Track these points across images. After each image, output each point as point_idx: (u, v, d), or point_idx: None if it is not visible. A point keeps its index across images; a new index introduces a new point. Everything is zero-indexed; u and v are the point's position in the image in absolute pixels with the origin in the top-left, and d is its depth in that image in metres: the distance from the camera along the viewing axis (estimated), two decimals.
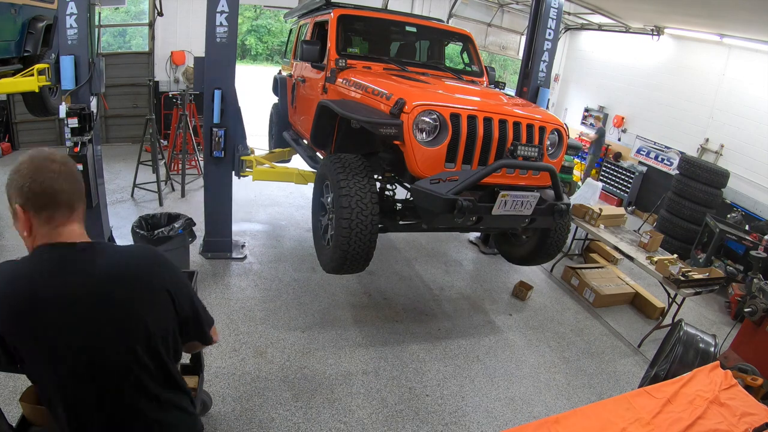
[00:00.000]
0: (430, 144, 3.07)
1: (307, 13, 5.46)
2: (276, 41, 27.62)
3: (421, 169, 3.09)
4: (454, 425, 3.12)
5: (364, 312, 4.26)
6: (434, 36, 5.15)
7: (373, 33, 4.95)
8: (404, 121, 2.99)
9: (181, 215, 4.30)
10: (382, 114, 3.13)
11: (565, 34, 10.64)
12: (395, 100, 3.07)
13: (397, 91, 3.20)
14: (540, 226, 3.63)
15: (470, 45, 4.95)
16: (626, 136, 9.19)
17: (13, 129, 7.72)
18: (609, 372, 3.93)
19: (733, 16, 6.16)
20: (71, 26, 3.83)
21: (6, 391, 2.85)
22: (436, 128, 3.06)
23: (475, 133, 3.10)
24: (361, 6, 5.12)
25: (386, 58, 4.41)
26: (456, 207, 2.88)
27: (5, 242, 4.71)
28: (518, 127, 3.22)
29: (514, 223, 3.46)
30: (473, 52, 4.92)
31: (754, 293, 3.72)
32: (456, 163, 3.15)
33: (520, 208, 3.16)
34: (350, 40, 4.75)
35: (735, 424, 2.05)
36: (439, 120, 3.05)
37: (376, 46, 4.91)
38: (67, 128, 3.94)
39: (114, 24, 9.54)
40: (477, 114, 3.12)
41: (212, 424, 2.86)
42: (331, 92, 4.09)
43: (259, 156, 5.13)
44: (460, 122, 3.07)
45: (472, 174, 2.99)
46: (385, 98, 3.20)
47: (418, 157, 3.06)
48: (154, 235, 4.00)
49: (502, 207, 3.10)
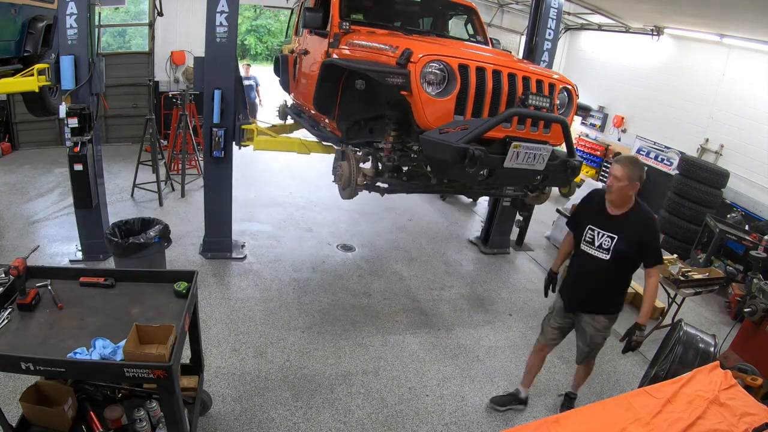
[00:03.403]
0: (439, 95, 2.96)
1: None
2: (276, 41, 27.60)
3: (430, 121, 2.98)
4: (454, 425, 3.12)
5: (364, 312, 4.26)
6: (439, 7, 5.03)
7: (376, 2, 4.82)
8: (411, 70, 2.90)
9: (155, 220, 4.12)
10: (388, 66, 3.04)
11: (565, 34, 10.63)
12: (402, 51, 3.00)
13: (404, 44, 3.12)
14: (553, 184, 3.50)
15: (474, 17, 4.82)
16: (626, 136, 9.18)
17: (13, 129, 7.72)
18: (609, 372, 3.93)
19: (733, 15, 6.16)
20: (71, 26, 3.83)
21: (6, 391, 2.85)
22: (444, 78, 2.97)
23: (485, 85, 3.00)
24: None
25: (390, 25, 4.27)
26: (467, 156, 2.72)
27: (5, 242, 4.71)
28: (528, 82, 3.12)
29: (526, 180, 3.34)
30: (478, 24, 4.79)
31: (754, 293, 3.71)
32: (465, 115, 3.04)
33: (532, 162, 3.01)
34: (354, 7, 4.59)
35: (735, 424, 2.05)
36: (446, 70, 2.96)
37: (380, 12, 4.74)
38: (67, 128, 3.95)
39: (114, 24, 9.53)
40: (486, 66, 3.04)
41: (212, 424, 2.86)
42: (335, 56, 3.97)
43: (260, 126, 4.97)
44: (469, 73, 2.99)
45: (483, 122, 2.86)
46: (391, 51, 3.12)
47: (426, 109, 2.94)
48: (127, 243, 3.79)
49: (515, 159, 2.94)
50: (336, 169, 3.69)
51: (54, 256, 4.54)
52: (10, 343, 1.94)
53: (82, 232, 4.48)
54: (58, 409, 2.22)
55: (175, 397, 1.95)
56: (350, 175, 3.47)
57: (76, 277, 2.38)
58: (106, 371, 1.92)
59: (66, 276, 2.39)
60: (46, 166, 7.05)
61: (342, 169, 3.55)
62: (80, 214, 4.39)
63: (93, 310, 2.20)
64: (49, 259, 4.47)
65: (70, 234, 4.86)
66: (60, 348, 1.93)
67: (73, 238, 4.71)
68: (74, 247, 4.65)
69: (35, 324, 2.07)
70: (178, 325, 2.06)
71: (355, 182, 3.44)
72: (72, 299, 2.24)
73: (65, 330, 2.05)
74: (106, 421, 2.28)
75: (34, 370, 1.82)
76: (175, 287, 2.33)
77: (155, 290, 2.37)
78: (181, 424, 2.06)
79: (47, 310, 2.15)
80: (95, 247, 4.49)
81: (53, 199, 5.89)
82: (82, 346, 1.92)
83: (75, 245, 4.65)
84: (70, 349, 1.90)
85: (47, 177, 6.63)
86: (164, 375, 1.85)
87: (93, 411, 2.35)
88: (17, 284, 2.11)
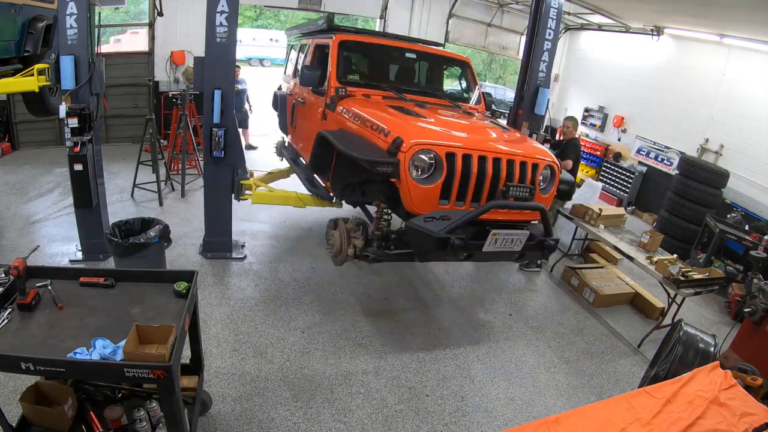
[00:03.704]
0: (425, 182, 3.16)
1: (309, 33, 5.57)
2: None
3: (416, 206, 3.19)
4: (454, 425, 3.12)
5: (364, 312, 4.26)
6: (433, 61, 5.27)
7: (373, 57, 5.06)
8: (401, 159, 3.08)
9: (155, 220, 4.10)
10: (379, 151, 3.22)
11: (565, 34, 10.63)
12: (393, 138, 3.16)
13: (395, 128, 3.29)
14: (529, 259, 3.79)
15: (468, 71, 5.11)
16: (626, 136, 9.18)
17: (13, 129, 7.72)
18: (609, 372, 3.93)
19: (733, 16, 6.16)
20: (71, 26, 3.83)
21: (6, 391, 2.85)
22: (432, 166, 3.16)
23: (470, 171, 3.21)
24: (361, 29, 5.16)
25: (385, 85, 4.52)
26: (448, 245, 2.99)
27: (5, 242, 4.71)
28: (512, 165, 3.31)
29: (504, 258, 3.63)
30: (471, 78, 5.06)
31: (754, 293, 3.71)
32: (450, 201, 3.24)
33: (510, 245, 3.29)
34: (350, 65, 4.88)
35: (735, 424, 2.05)
36: (435, 158, 3.14)
37: (376, 70, 5.02)
38: (67, 128, 3.95)
39: (114, 24, 9.53)
40: (472, 152, 3.21)
41: (212, 424, 2.86)
42: (331, 120, 4.20)
43: (258, 179, 5.21)
44: (455, 161, 3.16)
45: (465, 214, 3.10)
46: (383, 135, 3.30)
47: (413, 194, 3.15)
48: (127, 243, 3.78)
49: (493, 244, 3.21)
50: (328, 238, 3.90)
51: (54, 256, 4.55)
52: (10, 343, 1.94)
53: (82, 232, 4.48)
54: (58, 409, 2.22)
55: (175, 397, 1.95)
56: (341, 246, 3.70)
57: (76, 277, 2.38)
58: (106, 371, 1.92)
59: (66, 276, 2.39)
60: (46, 166, 7.05)
61: (334, 239, 3.78)
62: (80, 214, 4.39)
63: (93, 310, 2.20)
64: (49, 259, 4.47)
65: (70, 234, 4.86)
66: (60, 348, 1.93)
67: (73, 238, 4.72)
68: (74, 247, 4.66)
69: (35, 324, 2.07)
70: (178, 325, 2.06)
71: (345, 253, 3.67)
72: (72, 299, 2.24)
73: (65, 330, 2.05)
74: (106, 421, 2.28)
75: (34, 370, 1.82)
76: (175, 287, 2.33)
77: (155, 290, 2.37)
78: (181, 424, 2.06)
79: (47, 310, 2.15)
80: (95, 247, 4.49)
81: (53, 199, 5.89)
82: (82, 346, 1.92)
83: (75, 245, 4.65)
84: (70, 349, 1.90)
85: (47, 177, 6.63)
86: (164, 375, 1.85)
87: (93, 411, 2.35)
88: (17, 284, 2.11)
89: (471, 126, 3.92)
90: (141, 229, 4.04)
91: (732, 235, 5.62)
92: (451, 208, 3.25)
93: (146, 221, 4.12)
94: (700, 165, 6.74)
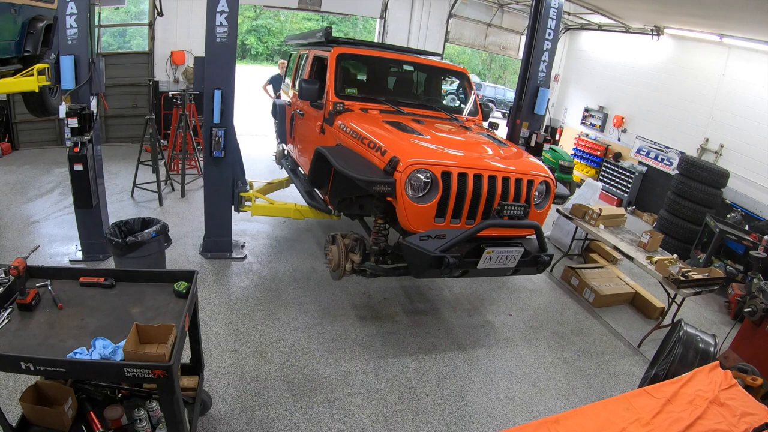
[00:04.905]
0: (421, 200, 3.19)
1: (308, 44, 5.61)
2: (276, 41, 27.61)
3: (412, 224, 3.21)
4: (454, 425, 3.12)
5: (364, 312, 4.26)
6: (431, 72, 5.31)
7: (371, 70, 5.10)
8: (397, 179, 3.10)
9: (155, 220, 4.09)
10: (376, 169, 3.25)
11: (565, 34, 10.63)
12: (389, 157, 3.18)
13: (392, 146, 3.32)
14: (524, 274, 3.81)
15: (466, 82, 5.13)
16: (626, 136, 9.19)
17: (13, 129, 7.71)
18: (609, 372, 3.93)
19: (733, 16, 6.16)
20: (71, 26, 3.83)
21: (6, 391, 2.85)
22: (428, 185, 3.18)
23: (465, 190, 3.23)
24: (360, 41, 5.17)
25: (383, 98, 4.56)
26: (443, 264, 3.05)
27: (5, 242, 4.71)
28: (507, 182, 3.34)
29: (499, 274, 3.65)
30: (468, 89, 5.08)
31: (754, 293, 3.72)
32: (445, 218, 3.26)
33: (504, 262, 3.32)
34: (348, 77, 4.93)
35: (735, 424, 2.05)
36: (431, 178, 3.16)
37: (373, 82, 5.05)
38: (67, 128, 3.95)
39: (114, 24, 9.54)
40: (467, 171, 3.23)
41: (212, 424, 2.86)
42: (329, 134, 4.24)
43: (257, 190, 5.25)
44: (451, 179, 3.18)
45: (460, 233, 3.13)
46: (380, 153, 3.32)
47: (409, 213, 3.18)
48: (126, 242, 3.78)
49: (487, 262, 3.25)
50: (326, 253, 3.93)
51: (54, 256, 4.55)
52: (10, 343, 1.94)
53: (82, 232, 4.48)
54: (58, 409, 2.22)
55: (175, 397, 1.95)
56: (339, 261, 3.73)
57: (76, 277, 2.38)
58: (106, 371, 1.91)
59: (66, 276, 2.39)
60: (46, 166, 7.05)
61: (332, 254, 3.79)
62: (80, 214, 4.39)
63: (93, 310, 2.20)
64: (49, 259, 4.47)
65: (70, 234, 4.86)
66: (60, 348, 1.93)
67: (73, 238, 4.72)
68: (74, 247, 4.66)
69: (35, 324, 2.07)
70: (178, 325, 2.06)
71: (344, 268, 3.69)
72: (72, 299, 2.24)
73: (65, 330, 2.05)
74: (106, 421, 2.28)
75: (34, 370, 1.82)
76: (175, 287, 2.33)
77: (155, 290, 2.37)
78: (181, 424, 2.06)
79: (47, 310, 2.15)
80: (95, 247, 4.50)
81: (53, 199, 5.89)
82: (82, 346, 1.92)
83: (75, 245, 4.66)
84: (70, 349, 1.90)
85: (47, 177, 6.63)
86: (164, 375, 1.85)
87: (93, 411, 2.34)
88: (17, 284, 2.11)
89: (467, 142, 3.91)
90: (141, 229, 4.03)
91: (732, 235, 5.62)
92: (446, 226, 3.28)
93: (146, 221, 4.11)
94: (700, 165, 6.74)
